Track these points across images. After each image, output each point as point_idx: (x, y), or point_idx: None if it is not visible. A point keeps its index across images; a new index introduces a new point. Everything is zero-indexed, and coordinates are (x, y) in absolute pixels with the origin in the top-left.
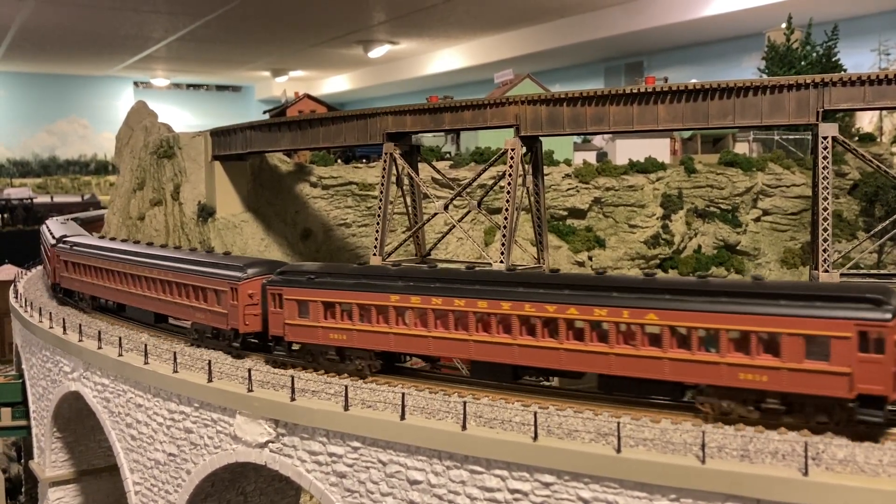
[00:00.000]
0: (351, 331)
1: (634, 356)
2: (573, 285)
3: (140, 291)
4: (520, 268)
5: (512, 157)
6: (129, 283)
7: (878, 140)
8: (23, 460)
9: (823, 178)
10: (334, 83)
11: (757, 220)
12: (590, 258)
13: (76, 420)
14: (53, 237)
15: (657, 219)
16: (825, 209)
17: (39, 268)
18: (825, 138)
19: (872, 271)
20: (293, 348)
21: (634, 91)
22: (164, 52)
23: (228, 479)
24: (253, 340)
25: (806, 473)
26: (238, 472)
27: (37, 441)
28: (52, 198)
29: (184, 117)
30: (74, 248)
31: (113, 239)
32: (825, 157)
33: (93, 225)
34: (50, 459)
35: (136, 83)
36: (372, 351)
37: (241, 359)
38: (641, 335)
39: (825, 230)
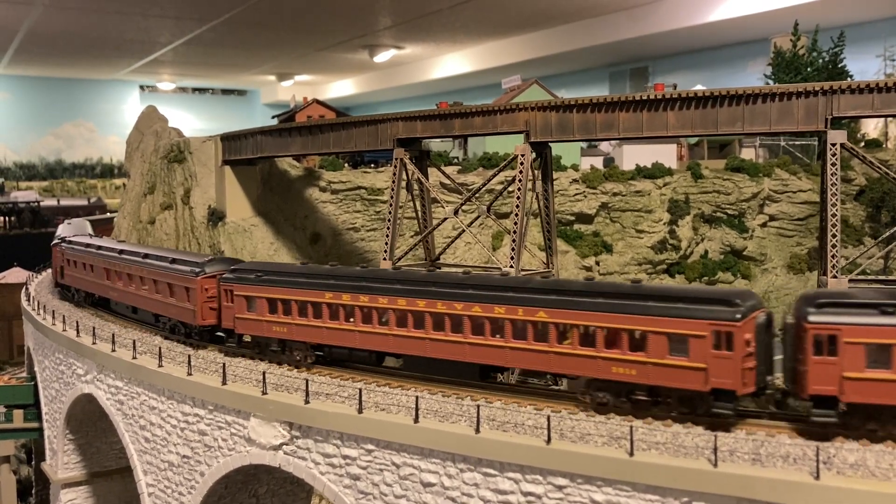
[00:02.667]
0: None
1: None
2: None
3: (446, 338)
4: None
5: (522, 163)
6: (428, 327)
7: (884, 146)
8: (33, 462)
9: (832, 185)
10: (340, 87)
11: (763, 225)
12: (597, 263)
13: (89, 422)
14: (195, 265)
15: (664, 224)
16: (834, 216)
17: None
18: (834, 145)
19: (880, 277)
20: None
21: (644, 98)
22: (171, 56)
23: (241, 482)
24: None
25: (817, 477)
26: (251, 474)
27: (49, 443)
28: (58, 201)
29: (189, 121)
30: (264, 277)
31: (334, 263)
32: (834, 165)
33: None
34: (62, 461)
35: (141, 87)
36: None
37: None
38: None
39: (834, 236)
